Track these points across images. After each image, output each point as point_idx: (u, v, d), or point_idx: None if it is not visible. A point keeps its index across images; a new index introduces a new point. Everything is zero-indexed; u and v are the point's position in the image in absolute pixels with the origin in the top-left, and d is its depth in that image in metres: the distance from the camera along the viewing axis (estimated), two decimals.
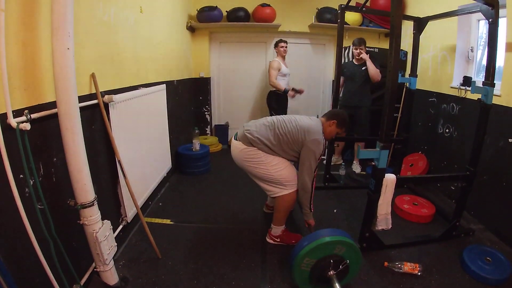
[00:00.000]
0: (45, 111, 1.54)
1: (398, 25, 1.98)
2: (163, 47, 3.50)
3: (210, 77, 5.28)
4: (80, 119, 1.58)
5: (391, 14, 1.99)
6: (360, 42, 3.99)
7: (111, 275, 1.93)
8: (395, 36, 1.98)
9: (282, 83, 4.46)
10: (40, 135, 1.55)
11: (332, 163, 4.00)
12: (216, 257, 2.39)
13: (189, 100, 4.69)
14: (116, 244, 1.95)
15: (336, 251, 1.93)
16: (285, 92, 4.44)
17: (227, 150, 4.86)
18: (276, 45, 4.55)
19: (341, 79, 4.11)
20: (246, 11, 4.73)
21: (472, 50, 3.48)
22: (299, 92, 4.50)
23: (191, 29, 4.80)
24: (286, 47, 4.51)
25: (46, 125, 1.59)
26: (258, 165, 2.37)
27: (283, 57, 4.56)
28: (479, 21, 3.41)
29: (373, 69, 3.94)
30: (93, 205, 1.69)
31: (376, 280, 2.21)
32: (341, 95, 4.21)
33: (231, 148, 2.52)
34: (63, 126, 1.52)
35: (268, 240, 2.60)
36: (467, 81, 3.04)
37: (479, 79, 3.24)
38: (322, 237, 1.92)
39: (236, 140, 2.46)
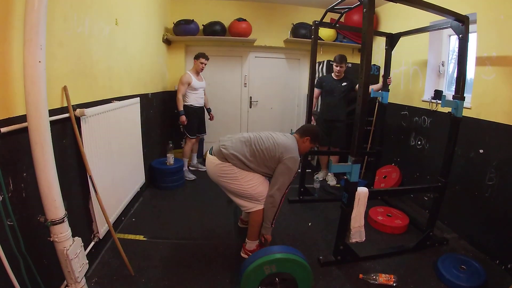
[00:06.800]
0: (15, 125, 1.49)
1: (369, 41, 2.03)
2: (138, 60, 3.47)
3: None
4: (50, 133, 1.54)
5: (363, 31, 2.04)
6: (342, 60, 4.00)
7: None
8: (366, 52, 2.03)
9: (192, 98, 4.29)
10: (9, 149, 1.50)
11: (321, 178, 4.09)
12: (190, 273, 2.35)
13: (164, 113, 4.63)
14: (87, 261, 1.88)
15: (267, 271, 1.93)
16: (180, 113, 4.20)
17: (202, 163, 4.82)
18: (196, 57, 4.26)
19: (317, 91, 4.16)
20: (222, 25, 4.80)
21: (443, 65, 3.63)
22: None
23: (167, 42, 4.79)
24: (204, 64, 4.24)
25: (16, 139, 1.53)
26: (233, 180, 2.37)
27: (198, 72, 4.31)
28: (450, 36, 3.56)
29: None
30: (63, 221, 1.64)
31: None
32: (318, 107, 4.28)
33: (206, 163, 2.52)
34: (33, 140, 1.47)
35: (242, 255, 2.58)
36: (438, 94, 3.15)
37: (450, 92, 3.36)
38: (246, 268, 1.93)
39: (211, 154, 2.46)
